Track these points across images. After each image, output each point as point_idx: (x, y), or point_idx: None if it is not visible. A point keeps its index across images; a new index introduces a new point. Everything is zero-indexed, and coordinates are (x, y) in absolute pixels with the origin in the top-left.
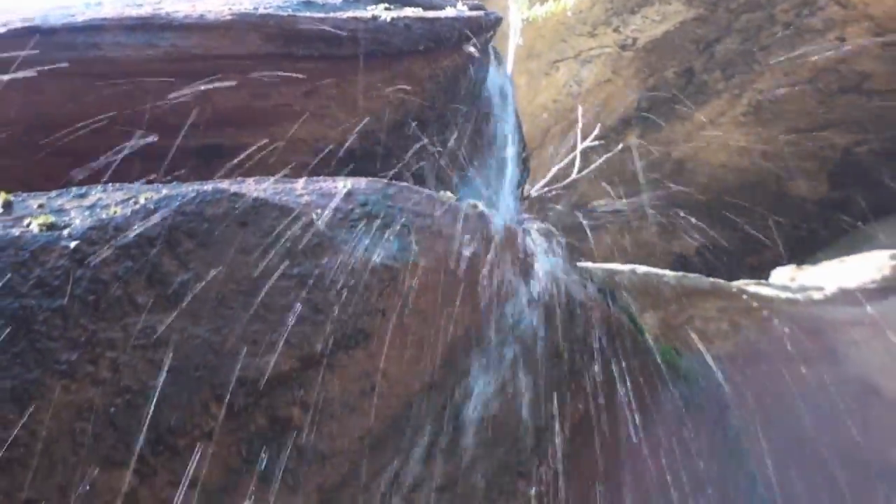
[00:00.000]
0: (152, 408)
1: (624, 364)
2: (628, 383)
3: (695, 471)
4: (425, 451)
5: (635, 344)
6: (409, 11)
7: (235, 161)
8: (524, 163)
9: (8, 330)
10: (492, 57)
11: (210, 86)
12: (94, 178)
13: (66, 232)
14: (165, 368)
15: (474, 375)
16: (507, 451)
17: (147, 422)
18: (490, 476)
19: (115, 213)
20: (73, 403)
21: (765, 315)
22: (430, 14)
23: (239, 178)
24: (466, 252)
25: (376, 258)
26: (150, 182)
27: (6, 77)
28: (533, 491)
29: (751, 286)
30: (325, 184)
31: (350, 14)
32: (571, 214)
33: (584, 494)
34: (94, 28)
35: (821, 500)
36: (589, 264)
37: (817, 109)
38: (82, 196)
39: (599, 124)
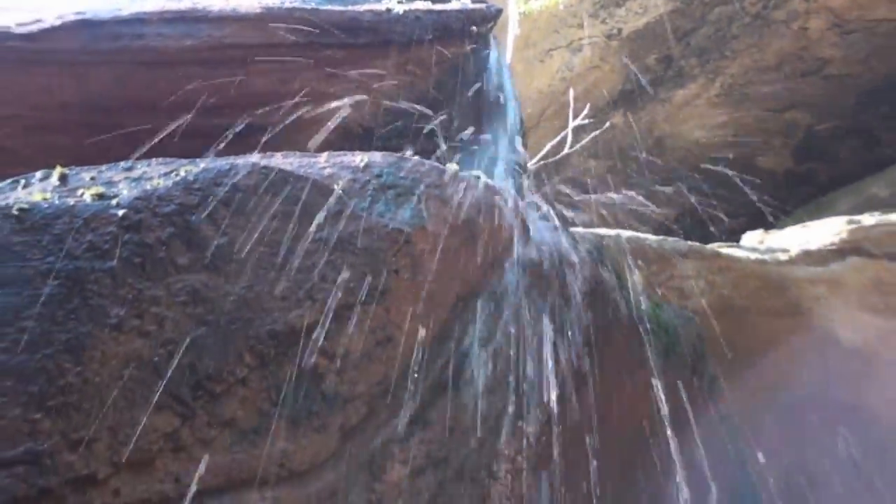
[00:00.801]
0: (192, 357)
1: (611, 318)
2: (615, 334)
3: (677, 411)
4: (435, 394)
5: (621, 298)
6: (420, 4)
7: (264, 138)
8: (522, 139)
9: (63, 289)
10: (493, 45)
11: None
12: (139, 154)
13: (114, 201)
14: (204, 322)
15: (477, 327)
16: (505, 397)
17: (187, 370)
18: (493, 418)
19: (159, 184)
20: (122, 354)
21: (737, 274)
22: (438, 6)
23: (268, 153)
24: (470, 218)
25: (390, 223)
26: (188, 157)
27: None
28: (531, 429)
29: (724, 248)
30: (345, 158)
31: (366, 7)
32: (565, 185)
33: (577, 435)
34: (139, 20)
35: (789, 439)
36: (579, 229)
37: (782, 92)
38: (129, 169)
39: (588, 105)
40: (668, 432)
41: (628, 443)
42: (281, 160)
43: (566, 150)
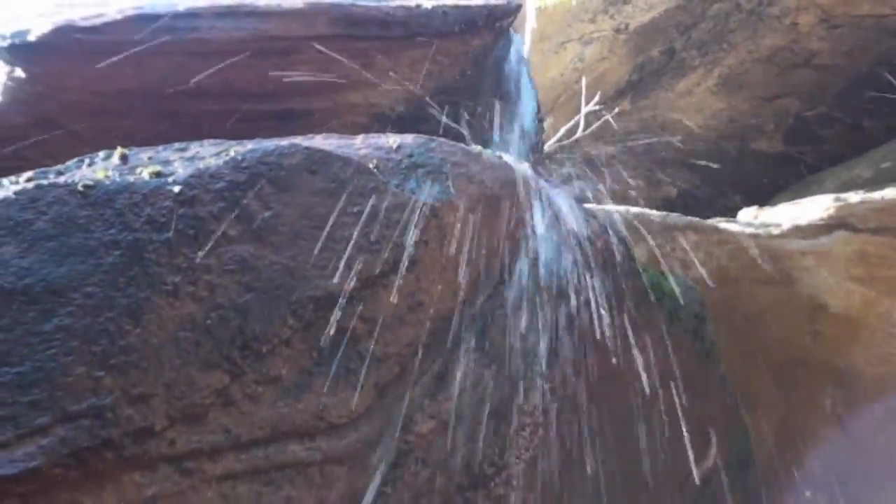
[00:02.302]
0: (240, 321)
1: (622, 284)
2: (625, 299)
3: (674, 369)
4: (460, 355)
5: (629, 268)
6: (447, 0)
7: (305, 122)
8: (539, 123)
9: (124, 258)
10: (512, 38)
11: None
12: (192, 135)
13: (170, 178)
14: (251, 289)
15: (500, 292)
16: (525, 355)
17: (236, 332)
18: (513, 374)
19: (210, 163)
20: (177, 317)
21: (733, 246)
22: (463, 2)
23: (309, 135)
24: (493, 193)
25: (421, 198)
26: (237, 138)
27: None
28: (547, 386)
29: (722, 223)
30: (379, 139)
31: (398, 3)
32: (577, 166)
33: (590, 387)
34: (192, 14)
35: (777, 397)
36: (592, 205)
37: (774, 81)
38: (183, 150)
39: (599, 93)
40: (675, 390)
41: (636, 399)
42: (321, 141)
43: (578, 134)
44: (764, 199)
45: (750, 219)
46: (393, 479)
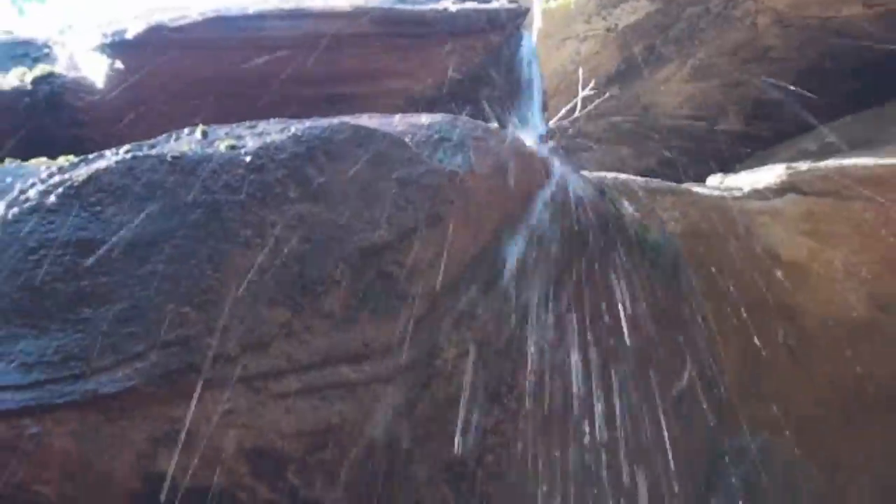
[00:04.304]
0: (300, 267)
1: (613, 237)
2: (618, 250)
3: (658, 307)
4: (480, 294)
5: (619, 225)
6: (470, 4)
7: (352, 104)
8: (544, 105)
9: (205, 216)
10: (523, 35)
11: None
12: (260, 116)
13: (243, 150)
14: (308, 240)
15: (511, 247)
16: (534, 294)
17: (297, 276)
18: (524, 309)
19: (276, 137)
20: (249, 264)
21: (703, 206)
22: (483, 6)
23: (356, 115)
24: (507, 163)
25: (447, 166)
26: (297, 118)
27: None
28: (551, 320)
29: (694, 187)
30: (413, 118)
31: (430, 6)
32: (575, 141)
33: (589, 318)
34: (260, 16)
35: (739, 331)
36: (586, 173)
37: (737, 70)
38: (253, 127)
39: (593, 81)
40: (657, 322)
41: (627, 327)
42: (366, 120)
43: (576, 115)
44: (728, 167)
45: (717, 184)
46: (424, 396)
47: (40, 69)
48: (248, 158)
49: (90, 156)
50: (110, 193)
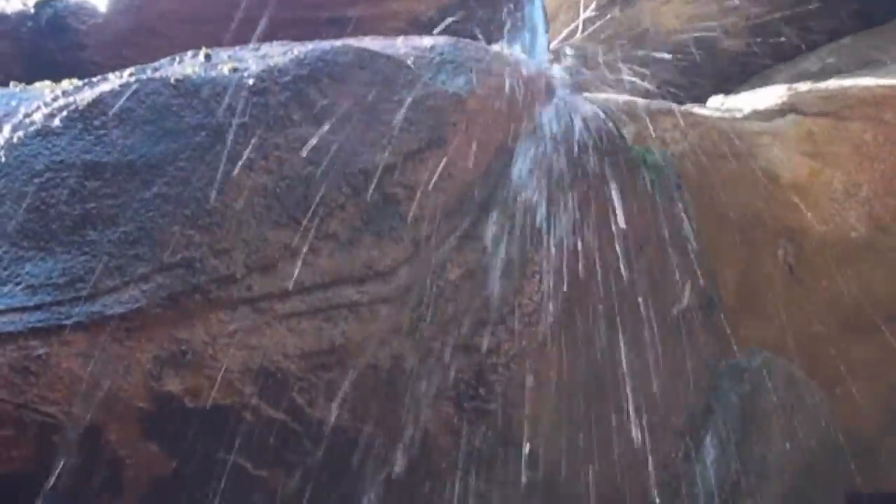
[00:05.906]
0: (304, 188)
1: (615, 158)
2: (620, 169)
3: (659, 224)
4: (483, 215)
5: (620, 145)
6: None
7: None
8: (546, 27)
9: (209, 138)
10: None
11: None
12: (264, 38)
13: (246, 73)
14: (312, 162)
15: (514, 168)
16: (535, 214)
17: (301, 197)
18: (525, 231)
19: (278, 60)
20: (252, 186)
21: (704, 127)
22: None
23: (358, 37)
24: (509, 84)
25: (449, 89)
26: (299, 40)
27: None
28: (554, 241)
29: (695, 108)
30: (416, 41)
31: None
32: (578, 63)
33: (591, 238)
34: None
35: (739, 251)
36: (588, 94)
37: None
38: (256, 49)
39: (594, 3)
40: (659, 242)
41: (629, 245)
42: (368, 42)
43: (577, 36)
44: (729, 88)
45: (717, 105)
46: (427, 315)
47: None
48: (251, 81)
49: (94, 79)
50: (115, 116)
